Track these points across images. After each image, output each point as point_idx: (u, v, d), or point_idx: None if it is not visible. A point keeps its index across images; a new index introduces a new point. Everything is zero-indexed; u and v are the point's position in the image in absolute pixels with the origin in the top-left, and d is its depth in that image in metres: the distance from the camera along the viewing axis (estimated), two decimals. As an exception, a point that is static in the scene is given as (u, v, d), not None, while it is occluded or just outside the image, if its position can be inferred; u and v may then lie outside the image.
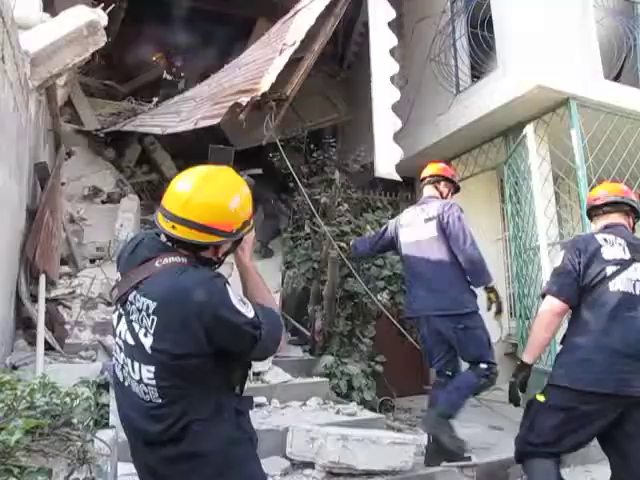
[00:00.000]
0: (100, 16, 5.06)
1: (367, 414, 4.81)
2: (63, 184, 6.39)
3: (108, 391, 3.73)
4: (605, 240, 2.94)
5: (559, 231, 6.45)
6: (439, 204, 4.36)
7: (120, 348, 1.81)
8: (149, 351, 1.71)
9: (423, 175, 4.63)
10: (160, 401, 1.71)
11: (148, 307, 1.72)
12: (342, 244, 5.27)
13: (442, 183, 4.54)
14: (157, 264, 1.78)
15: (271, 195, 7.87)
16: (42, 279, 4.77)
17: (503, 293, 7.77)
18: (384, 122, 5.65)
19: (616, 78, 6.73)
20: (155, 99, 9.18)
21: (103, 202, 7.22)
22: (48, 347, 4.44)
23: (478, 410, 6.20)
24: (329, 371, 5.32)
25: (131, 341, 1.76)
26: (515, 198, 6.55)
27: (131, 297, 1.79)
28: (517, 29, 6.12)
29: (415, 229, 4.42)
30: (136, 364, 1.74)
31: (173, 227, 1.75)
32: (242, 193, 1.83)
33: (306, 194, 5.56)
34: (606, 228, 3.07)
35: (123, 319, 1.81)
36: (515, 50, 6.12)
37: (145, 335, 1.72)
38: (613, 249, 2.90)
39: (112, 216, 6.64)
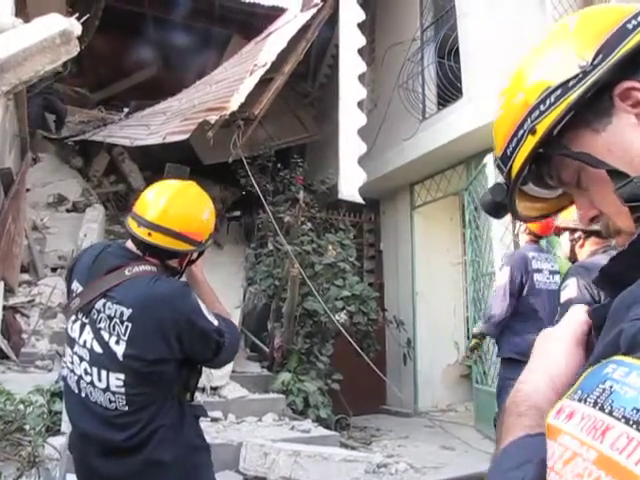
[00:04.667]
0: (74, 26, 5.06)
1: (321, 431, 4.89)
2: (28, 191, 6.34)
3: (62, 399, 3.73)
4: None
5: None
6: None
7: (81, 358, 1.81)
8: (121, 358, 1.74)
9: (537, 231, 4.37)
10: (127, 409, 1.74)
11: (122, 314, 1.76)
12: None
13: None
14: (127, 272, 1.82)
15: None
16: (0, 286, 4.73)
17: (461, 316, 7.97)
18: (349, 146, 5.78)
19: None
20: (126, 109, 9.17)
21: (68, 211, 7.15)
22: (3, 356, 4.41)
23: (431, 431, 6.32)
24: (286, 388, 5.39)
25: (98, 349, 1.78)
26: (474, 224, 6.72)
27: (99, 305, 1.80)
28: (481, 60, 6.32)
29: (545, 276, 4.40)
30: (103, 372, 1.76)
31: (149, 234, 1.82)
32: (210, 208, 1.97)
33: (270, 212, 5.64)
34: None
35: (87, 328, 1.81)
36: (478, 81, 6.32)
37: (117, 342, 1.75)
38: None
39: (76, 225, 6.57)
